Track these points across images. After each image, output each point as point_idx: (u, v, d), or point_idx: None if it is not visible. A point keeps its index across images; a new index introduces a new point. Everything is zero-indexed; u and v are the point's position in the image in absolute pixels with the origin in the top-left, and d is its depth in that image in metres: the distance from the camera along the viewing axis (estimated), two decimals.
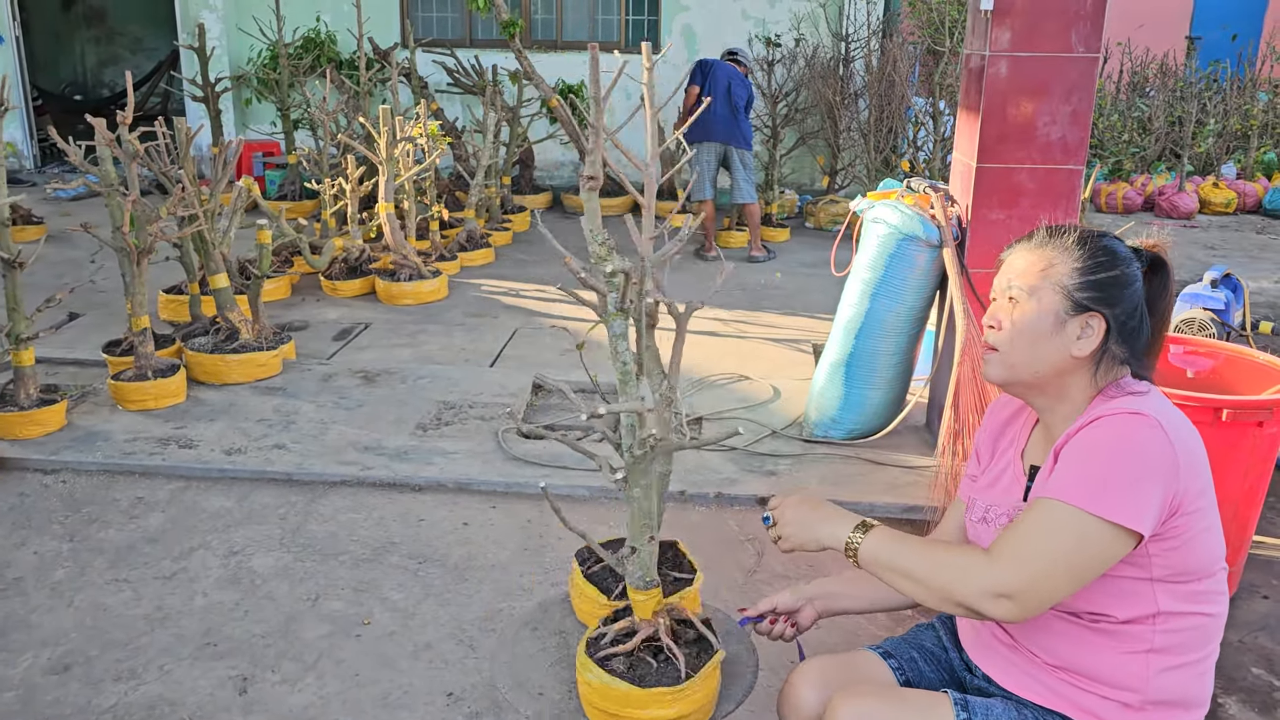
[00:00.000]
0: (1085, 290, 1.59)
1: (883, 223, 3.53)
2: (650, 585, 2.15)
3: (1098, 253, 1.62)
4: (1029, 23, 3.27)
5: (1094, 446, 1.49)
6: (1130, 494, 1.44)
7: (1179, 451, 1.46)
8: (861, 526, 1.66)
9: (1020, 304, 1.63)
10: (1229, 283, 4.39)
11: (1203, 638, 1.55)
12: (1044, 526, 1.48)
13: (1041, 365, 1.61)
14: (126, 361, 4.12)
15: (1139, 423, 1.48)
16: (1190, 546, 1.50)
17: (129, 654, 2.50)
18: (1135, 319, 1.61)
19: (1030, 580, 1.46)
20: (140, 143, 4.13)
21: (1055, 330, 1.60)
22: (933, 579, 1.54)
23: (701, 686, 2.09)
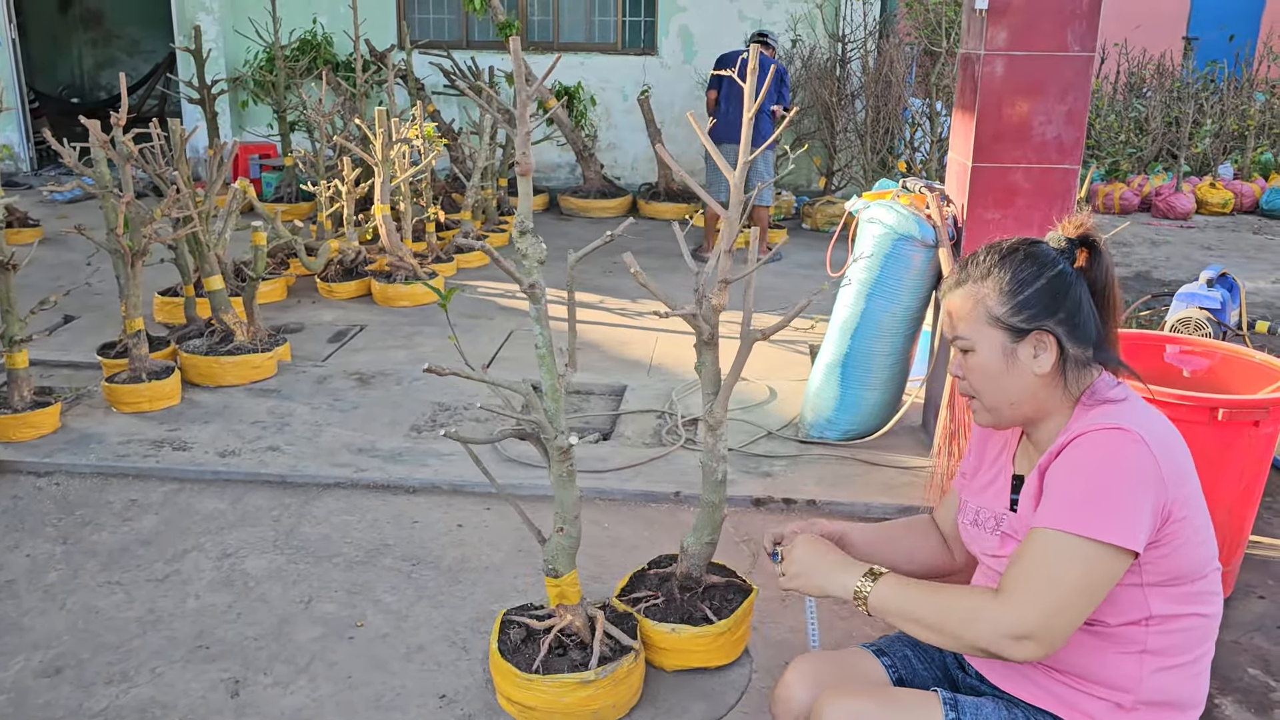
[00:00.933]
0: (1019, 313, 1.56)
1: (878, 223, 3.53)
2: (554, 574, 2.19)
3: (1019, 269, 1.58)
4: (1024, 22, 3.26)
5: (1080, 468, 1.47)
6: (1123, 514, 1.43)
7: (1162, 462, 1.45)
8: (870, 575, 1.63)
9: (970, 351, 1.61)
10: (1225, 282, 4.38)
11: (1196, 639, 1.55)
12: (1048, 559, 1.45)
13: (1015, 397, 1.60)
14: (121, 364, 4.11)
15: (1121, 439, 1.46)
16: (1181, 551, 1.49)
17: (121, 657, 2.49)
18: (1081, 316, 1.58)
19: (1046, 616, 1.44)
20: (135, 145, 4.12)
21: (1009, 363, 1.58)
22: (945, 625, 1.51)
23: (604, 684, 2.15)
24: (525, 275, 2.03)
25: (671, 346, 4.95)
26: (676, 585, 2.37)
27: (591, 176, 8.89)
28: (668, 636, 2.32)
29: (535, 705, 2.16)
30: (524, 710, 2.19)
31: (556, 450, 2.12)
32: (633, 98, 9.30)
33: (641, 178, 9.65)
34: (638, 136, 9.42)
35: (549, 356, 2.10)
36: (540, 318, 2.08)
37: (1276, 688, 2.47)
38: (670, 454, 3.66)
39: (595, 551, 3.04)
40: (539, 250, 2.01)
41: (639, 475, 3.50)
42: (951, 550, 1.92)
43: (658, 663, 2.38)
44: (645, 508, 3.34)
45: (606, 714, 2.18)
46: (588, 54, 9.53)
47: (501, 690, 2.25)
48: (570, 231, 8.01)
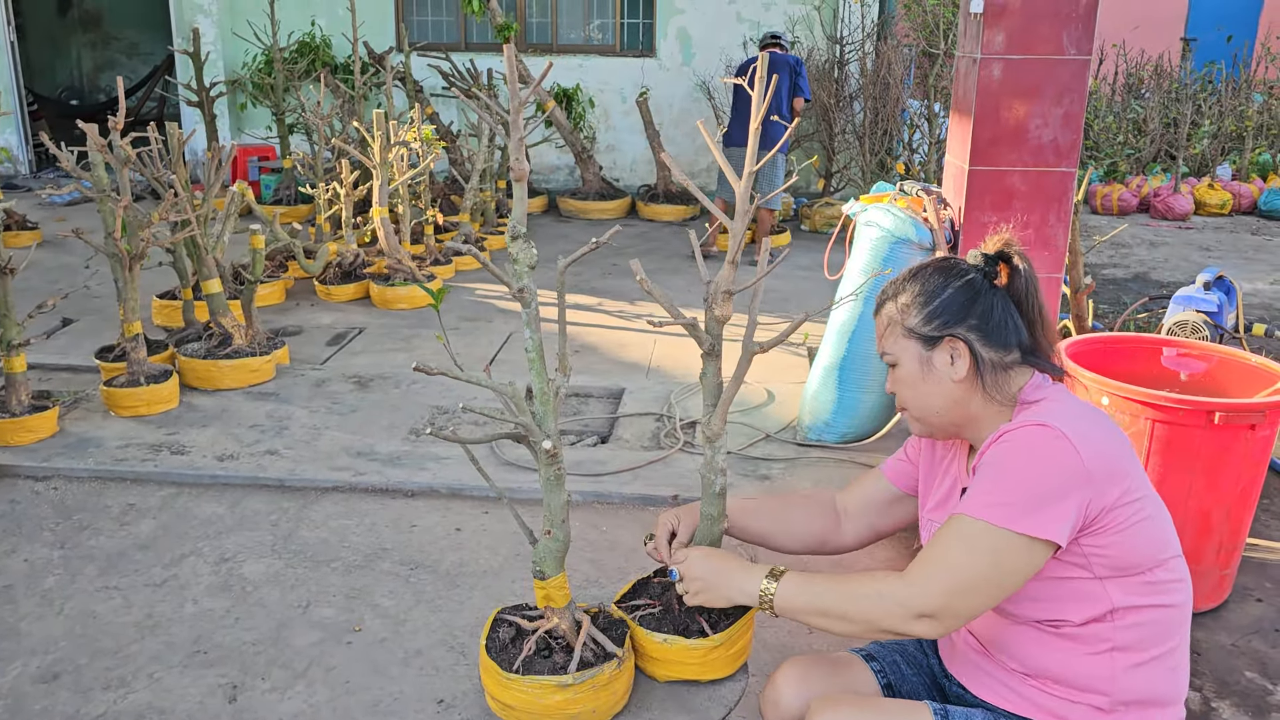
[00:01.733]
0: (928, 322, 1.63)
1: (876, 226, 3.53)
2: (541, 576, 2.19)
3: (926, 282, 1.65)
4: (1020, 25, 3.26)
5: (1000, 462, 1.51)
6: (1039, 506, 1.45)
7: (1086, 455, 1.47)
8: (771, 575, 1.69)
9: (894, 366, 1.69)
10: (1222, 285, 4.38)
11: (1165, 630, 1.55)
12: (957, 543, 1.50)
13: (938, 405, 1.65)
14: (119, 367, 4.11)
15: (1042, 434, 1.49)
16: (1128, 540, 1.51)
17: (119, 662, 2.49)
18: (996, 320, 1.62)
19: (947, 597, 1.48)
20: (133, 148, 4.12)
21: (927, 371, 1.64)
22: (853, 611, 1.56)
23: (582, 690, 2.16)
24: (515, 280, 2.03)
25: (670, 349, 4.96)
26: (676, 595, 2.37)
27: (590, 178, 8.90)
28: (659, 647, 2.32)
29: (515, 705, 2.17)
30: (506, 709, 2.20)
31: (543, 453, 2.12)
32: (631, 99, 9.30)
33: (640, 179, 9.65)
34: (636, 138, 9.43)
35: (539, 360, 2.10)
36: (530, 321, 2.08)
37: (1274, 690, 2.47)
38: (669, 457, 3.66)
39: (592, 555, 3.04)
40: (530, 255, 2.01)
41: (637, 478, 3.50)
42: (843, 527, 1.98)
43: (650, 672, 2.38)
44: (643, 511, 3.34)
45: (586, 719, 2.18)
46: (586, 56, 9.54)
47: (487, 688, 2.26)
48: (569, 233, 8.02)
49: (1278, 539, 3.18)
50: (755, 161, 2.04)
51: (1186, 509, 2.64)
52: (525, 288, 2.04)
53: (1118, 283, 6.81)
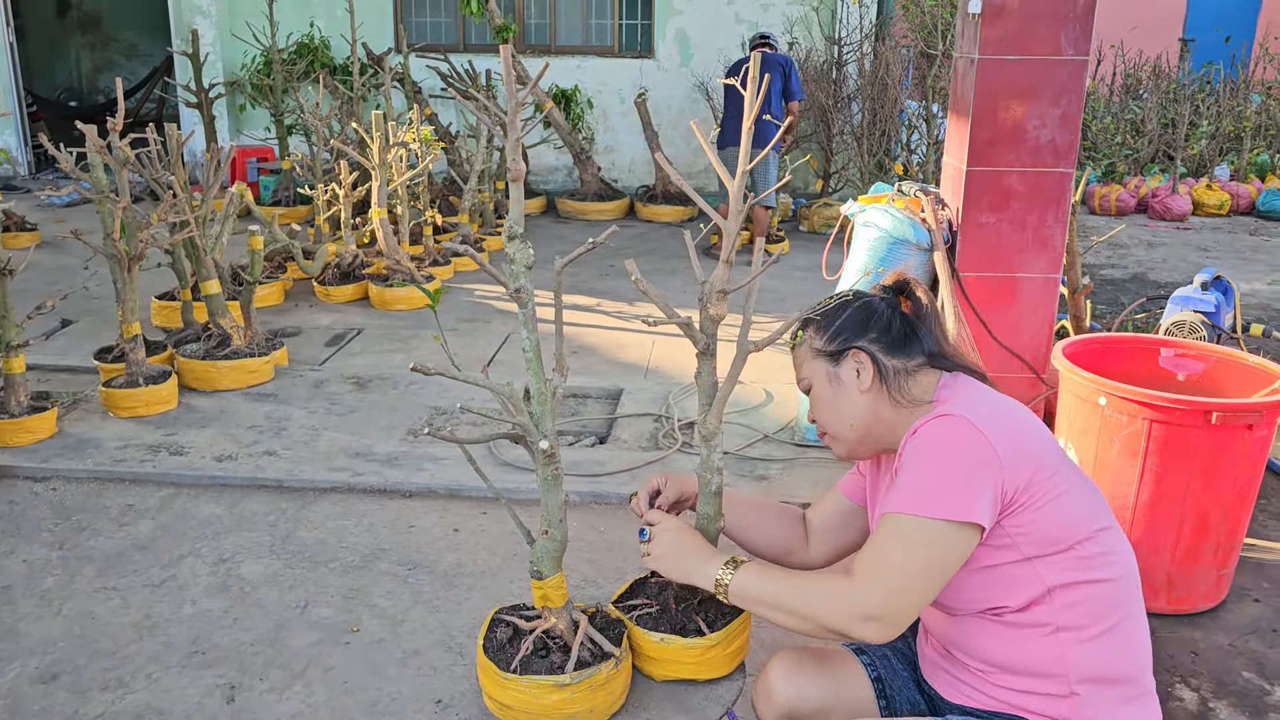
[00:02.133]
0: (831, 341, 1.76)
1: (873, 226, 3.53)
2: (538, 576, 2.20)
3: (830, 313, 1.79)
4: (1018, 26, 3.27)
5: (915, 456, 1.58)
6: (957, 490, 1.51)
7: (992, 437, 1.53)
8: (731, 563, 1.77)
9: (810, 391, 1.81)
10: (1219, 285, 4.39)
11: (1107, 605, 1.57)
12: (890, 541, 1.54)
13: (852, 419, 1.74)
14: (118, 368, 4.11)
15: (947, 423, 1.57)
16: (1049, 515, 1.55)
17: (117, 662, 2.49)
18: (896, 333, 1.74)
19: (890, 597, 1.52)
20: (132, 149, 4.12)
21: (837, 387, 1.75)
22: (801, 609, 1.61)
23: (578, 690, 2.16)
24: (512, 280, 2.03)
25: (669, 349, 4.96)
26: (673, 595, 2.37)
27: (589, 179, 8.90)
28: (657, 646, 2.32)
29: (513, 705, 2.17)
30: (503, 709, 2.20)
31: (540, 453, 2.13)
32: (630, 100, 9.31)
33: (639, 180, 9.66)
34: (635, 139, 9.44)
35: (536, 360, 2.10)
36: (527, 322, 2.08)
37: (1271, 691, 2.47)
38: (667, 458, 3.67)
39: (591, 555, 3.04)
40: (526, 255, 2.02)
41: (635, 479, 3.50)
42: (810, 544, 2.03)
43: (648, 671, 2.38)
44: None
45: (584, 718, 2.18)
46: (584, 57, 9.54)
47: (484, 688, 2.26)
48: (567, 234, 8.02)
49: (1275, 539, 3.19)
50: (748, 161, 2.04)
51: (1184, 509, 2.65)
52: (522, 288, 2.04)
53: (1116, 283, 6.81)
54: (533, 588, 2.25)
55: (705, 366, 2.12)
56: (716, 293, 2.04)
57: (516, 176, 1.95)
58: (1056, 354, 2.86)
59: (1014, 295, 3.47)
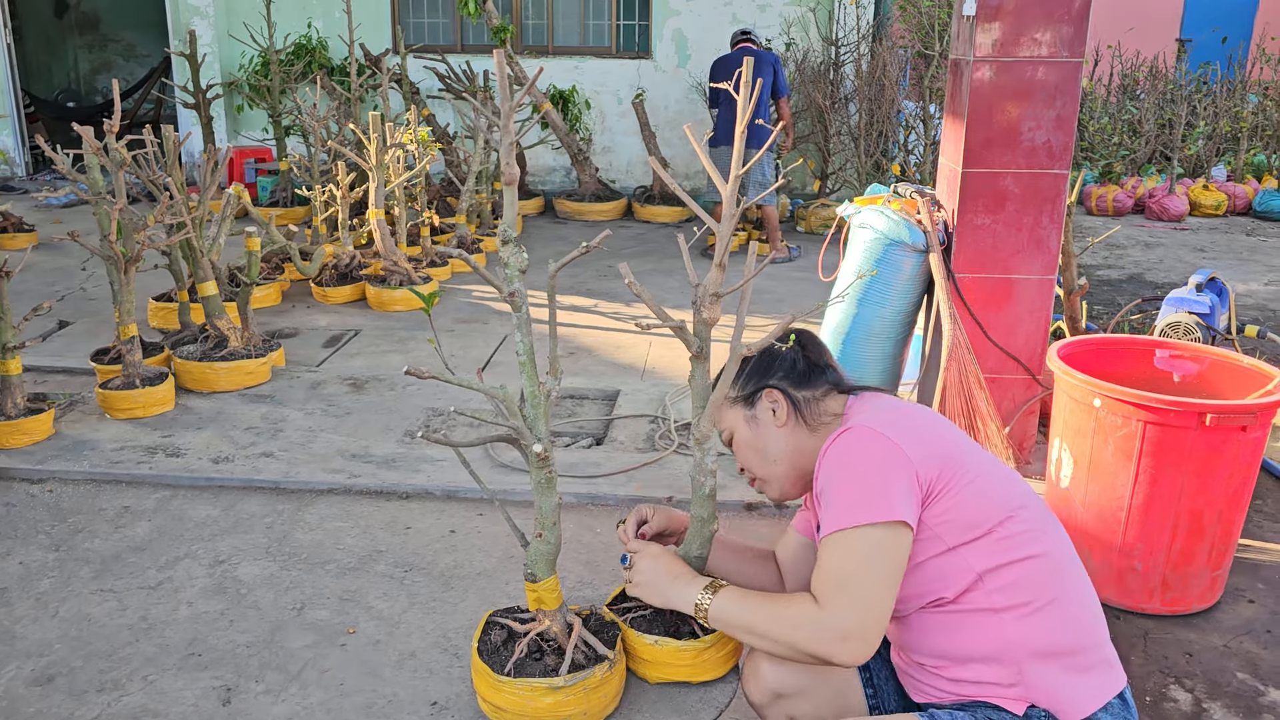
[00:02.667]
0: (743, 388, 1.87)
1: (869, 228, 3.54)
2: (533, 579, 2.20)
3: (739, 369, 1.89)
4: (1013, 27, 3.28)
5: (830, 474, 1.64)
6: (875, 493, 1.57)
7: (896, 438, 1.61)
8: (710, 588, 1.82)
9: (732, 443, 1.90)
10: (1214, 286, 4.40)
11: (1039, 580, 1.61)
12: (837, 560, 1.58)
13: (776, 455, 1.82)
14: (115, 370, 4.12)
15: (851, 436, 1.64)
16: (961, 503, 1.60)
17: (113, 664, 2.50)
18: (800, 368, 1.85)
19: (855, 612, 1.55)
20: (129, 150, 4.12)
21: (755, 427, 1.85)
22: (777, 634, 1.65)
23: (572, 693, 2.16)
24: (506, 284, 2.04)
25: (665, 351, 4.96)
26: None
27: (586, 180, 8.90)
28: (650, 648, 2.33)
29: (507, 707, 2.18)
30: (497, 711, 2.21)
31: (534, 456, 2.13)
32: (627, 101, 9.31)
33: (636, 181, 9.66)
34: (632, 140, 9.44)
35: (530, 363, 2.11)
36: (522, 325, 2.09)
37: (1265, 692, 2.48)
38: (663, 459, 3.67)
39: (587, 557, 3.05)
40: (520, 259, 2.02)
41: (631, 480, 3.51)
42: (785, 582, 2.09)
43: (642, 674, 2.39)
44: None
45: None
46: (582, 57, 9.54)
47: (478, 690, 2.26)
48: (565, 235, 8.02)
49: (1270, 540, 3.19)
50: (741, 163, 2.05)
51: (1178, 510, 2.65)
52: (516, 291, 2.04)
53: (1113, 284, 6.82)
54: (527, 590, 2.26)
55: (699, 370, 2.13)
56: (710, 296, 2.05)
57: (510, 180, 1.96)
58: (1051, 355, 2.86)
59: (1009, 297, 3.47)
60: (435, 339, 1.92)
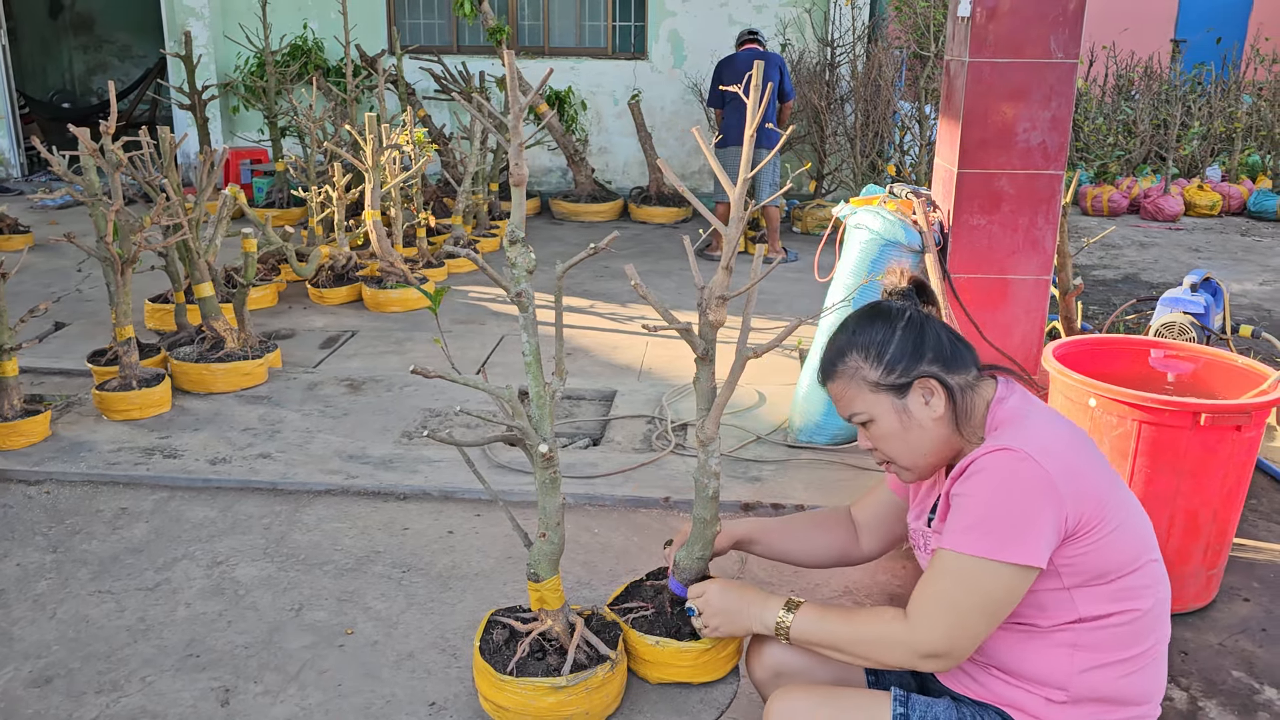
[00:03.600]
0: (891, 373, 1.63)
1: (865, 228, 3.55)
2: (535, 579, 2.21)
3: (870, 334, 1.66)
4: (1007, 29, 3.29)
5: (977, 493, 1.53)
6: (1017, 532, 1.48)
7: (1055, 473, 1.49)
8: (789, 605, 1.76)
9: (867, 425, 1.69)
10: (1209, 286, 4.41)
11: (1132, 635, 1.58)
12: (948, 580, 1.54)
13: (926, 448, 1.66)
14: (111, 371, 4.11)
15: (1009, 459, 1.51)
16: (1100, 550, 1.53)
17: (111, 666, 2.50)
18: (947, 346, 1.65)
19: (949, 635, 1.53)
20: (125, 152, 4.12)
21: (905, 420, 1.65)
22: (862, 651, 1.63)
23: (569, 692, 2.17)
24: (513, 284, 2.04)
25: (662, 351, 4.97)
26: (669, 598, 2.38)
27: (583, 181, 8.91)
28: (651, 649, 2.33)
29: (509, 706, 2.18)
30: (499, 710, 2.21)
31: (539, 456, 2.13)
32: (623, 102, 9.32)
33: (633, 181, 9.67)
34: (628, 141, 9.44)
35: (535, 364, 2.11)
36: (528, 325, 2.09)
37: (1260, 690, 2.49)
38: (660, 459, 3.68)
39: (585, 557, 3.05)
40: (528, 260, 2.02)
41: (629, 481, 3.51)
42: (861, 540, 2.03)
43: (643, 674, 2.39)
44: (635, 513, 3.35)
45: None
46: (578, 58, 9.55)
47: (480, 689, 2.27)
48: (562, 235, 8.03)
49: (1265, 539, 3.21)
50: (751, 166, 2.05)
51: (1173, 510, 2.67)
52: (524, 292, 2.05)
53: (1108, 284, 6.84)
54: (530, 590, 2.26)
55: (704, 372, 2.13)
56: (716, 299, 2.05)
57: (519, 181, 1.96)
58: (1047, 355, 2.87)
59: (1005, 297, 3.48)
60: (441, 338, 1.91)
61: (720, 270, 2.06)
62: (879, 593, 2.89)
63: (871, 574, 2.98)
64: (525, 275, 2.04)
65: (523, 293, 2.05)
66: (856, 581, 2.95)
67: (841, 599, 2.87)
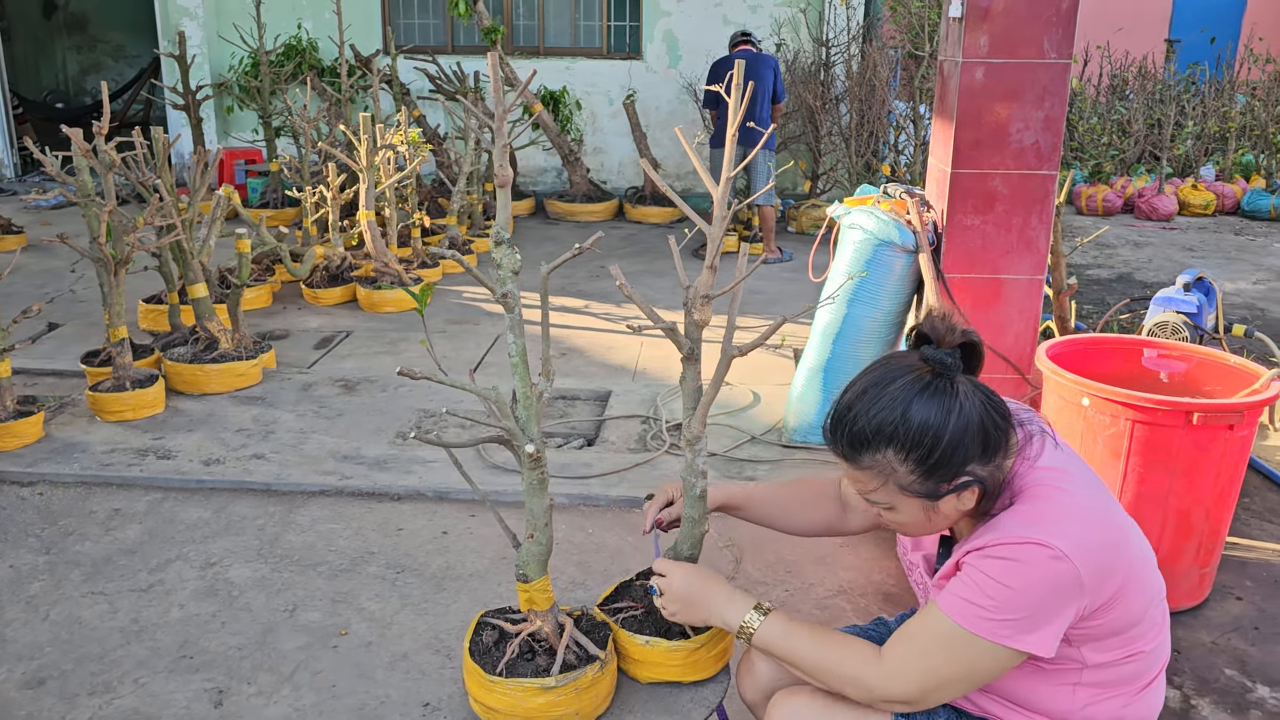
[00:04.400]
0: (930, 479, 1.45)
1: (859, 228, 3.55)
2: (524, 580, 2.21)
3: (914, 426, 1.43)
4: (1001, 29, 3.29)
5: (997, 578, 1.42)
6: (1032, 626, 1.41)
7: (1082, 568, 1.39)
8: (758, 610, 1.69)
9: (888, 511, 1.54)
10: (1201, 286, 4.42)
11: (1134, 673, 1.56)
12: (936, 643, 1.47)
13: (940, 526, 1.55)
14: (105, 372, 4.11)
15: (1043, 556, 1.39)
16: (1110, 620, 1.48)
17: (104, 667, 2.49)
18: (989, 434, 1.45)
19: (920, 692, 1.50)
20: (118, 152, 4.11)
21: (933, 515, 1.51)
22: (821, 677, 1.59)
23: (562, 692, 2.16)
24: (499, 285, 2.04)
25: (657, 351, 4.97)
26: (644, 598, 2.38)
27: (578, 180, 8.91)
28: (641, 649, 2.33)
29: (498, 708, 2.18)
30: (489, 712, 2.21)
31: (526, 457, 2.13)
32: (618, 102, 9.32)
33: (628, 181, 9.67)
34: (623, 141, 9.44)
35: (522, 364, 2.11)
36: (514, 326, 2.09)
37: (1253, 688, 2.50)
38: (655, 459, 3.68)
39: (579, 557, 3.05)
40: (514, 260, 2.02)
41: (623, 481, 3.51)
42: (848, 516, 1.99)
43: (633, 674, 2.39)
44: (629, 513, 3.35)
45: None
46: (573, 58, 9.55)
47: (470, 690, 2.26)
48: (557, 235, 8.03)
49: (1258, 538, 3.22)
50: (734, 165, 2.05)
51: (1166, 509, 2.67)
52: (509, 292, 2.05)
53: (1102, 283, 6.85)
54: (519, 591, 2.26)
55: (690, 371, 2.13)
56: (701, 297, 2.05)
57: (504, 182, 1.96)
58: (1040, 355, 2.88)
59: (999, 296, 3.49)
60: (428, 340, 1.90)
61: (705, 269, 2.06)
62: (874, 593, 2.90)
63: (866, 574, 2.99)
64: (511, 276, 2.04)
65: (509, 293, 2.05)
66: (850, 582, 2.95)
67: (836, 599, 2.87)
